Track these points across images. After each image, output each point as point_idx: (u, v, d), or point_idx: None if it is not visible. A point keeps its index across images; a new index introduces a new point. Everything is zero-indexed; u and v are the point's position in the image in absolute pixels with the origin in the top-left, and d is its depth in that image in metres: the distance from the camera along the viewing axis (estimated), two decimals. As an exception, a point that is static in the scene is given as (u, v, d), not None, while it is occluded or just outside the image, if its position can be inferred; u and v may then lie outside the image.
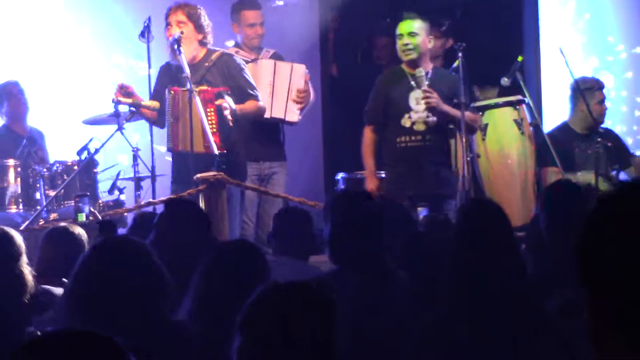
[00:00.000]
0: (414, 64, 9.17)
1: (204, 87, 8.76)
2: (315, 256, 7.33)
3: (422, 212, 8.75)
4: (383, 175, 9.38)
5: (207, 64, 9.00)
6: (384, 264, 5.73)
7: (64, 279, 5.90)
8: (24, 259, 6.36)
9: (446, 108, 9.07)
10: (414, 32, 9.19)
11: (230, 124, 8.75)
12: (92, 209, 8.53)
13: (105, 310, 4.44)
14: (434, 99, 9.01)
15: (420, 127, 9.19)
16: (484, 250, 5.23)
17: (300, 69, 9.74)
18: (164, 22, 9.05)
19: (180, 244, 6.10)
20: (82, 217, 8.22)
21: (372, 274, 5.60)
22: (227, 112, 8.69)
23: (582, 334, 2.06)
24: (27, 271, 6.34)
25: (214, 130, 8.62)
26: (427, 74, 9.11)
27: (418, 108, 9.16)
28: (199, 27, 8.88)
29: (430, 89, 9.05)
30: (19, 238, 6.40)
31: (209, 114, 8.68)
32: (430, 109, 9.07)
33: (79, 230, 6.99)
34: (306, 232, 7.01)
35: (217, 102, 8.69)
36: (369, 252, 5.62)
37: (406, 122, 9.20)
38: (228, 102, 8.71)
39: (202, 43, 8.96)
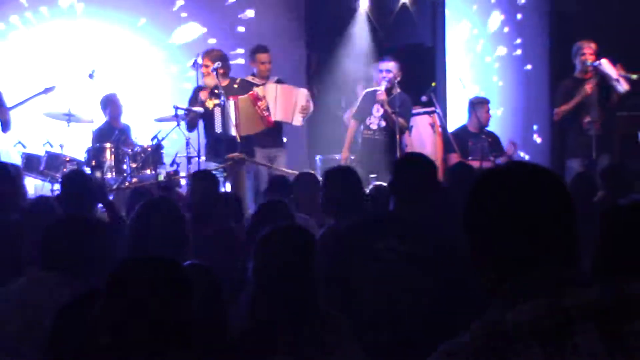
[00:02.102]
0: (389, 90, 9.31)
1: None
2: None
3: (372, 181, 8.83)
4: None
5: (235, 85, 9.20)
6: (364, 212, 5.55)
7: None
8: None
9: (387, 107, 9.25)
10: (389, 69, 9.38)
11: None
12: (169, 173, 8.76)
13: (146, 245, 4.34)
14: (383, 96, 9.24)
15: (374, 126, 9.41)
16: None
17: (304, 92, 9.69)
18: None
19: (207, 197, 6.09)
20: (161, 177, 8.42)
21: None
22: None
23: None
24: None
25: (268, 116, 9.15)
26: (393, 95, 9.31)
27: (376, 115, 9.38)
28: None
29: (383, 95, 9.24)
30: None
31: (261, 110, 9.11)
32: (384, 117, 9.24)
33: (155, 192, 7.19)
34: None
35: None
36: (354, 205, 5.44)
37: (367, 122, 9.46)
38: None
39: (225, 75, 9.13)
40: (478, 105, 9.87)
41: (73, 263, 3.77)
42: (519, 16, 11.43)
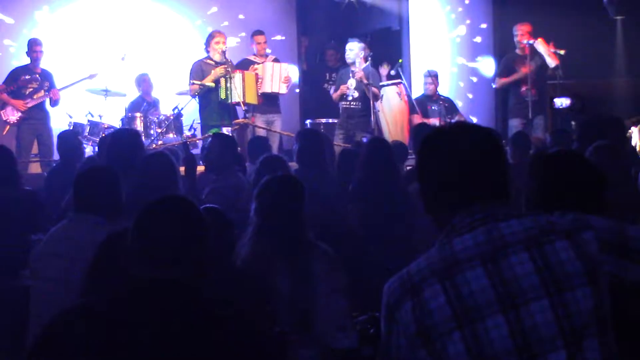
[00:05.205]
0: (354, 64, 9.30)
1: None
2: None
3: (364, 139, 8.83)
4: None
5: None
6: (326, 166, 5.63)
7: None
8: None
9: (365, 81, 9.17)
10: (352, 49, 9.35)
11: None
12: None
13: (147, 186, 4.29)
14: (360, 74, 9.16)
15: (349, 97, 9.38)
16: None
17: (285, 66, 9.64)
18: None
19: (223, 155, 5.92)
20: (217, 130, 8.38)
21: (317, 169, 5.44)
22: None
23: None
24: None
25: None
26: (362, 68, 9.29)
27: (351, 87, 9.32)
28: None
29: (360, 72, 9.16)
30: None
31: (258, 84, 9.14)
32: (356, 88, 9.23)
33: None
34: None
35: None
36: (317, 159, 5.51)
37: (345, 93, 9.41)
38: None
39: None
40: (428, 77, 9.97)
41: (104, 206, 3.70)
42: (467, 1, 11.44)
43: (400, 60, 10.37)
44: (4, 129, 9.25)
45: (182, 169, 7.22)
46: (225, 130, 8.76)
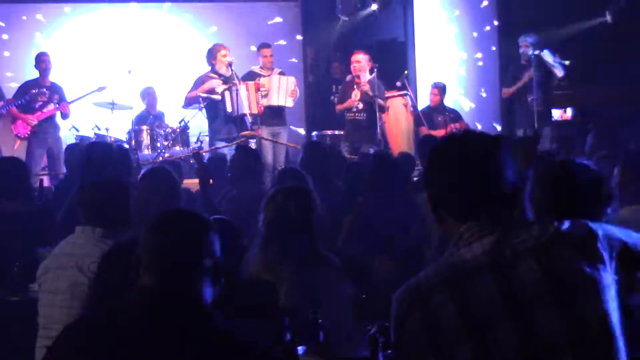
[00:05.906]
0: (359, 76, 9.29)
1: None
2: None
3: (371, 150, 8.82)
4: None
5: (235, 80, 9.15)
6: (330, 177, 5.66)
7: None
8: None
9: (370, 93, 9.15)
10: (359, 60, 9.33)
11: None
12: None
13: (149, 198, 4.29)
14: (366, 86, 9.15)
15: (354, 109, 9.35)
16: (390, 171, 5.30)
17: (292, 79, 9.53)
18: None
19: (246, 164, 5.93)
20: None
21: (322, 181, 5.41)
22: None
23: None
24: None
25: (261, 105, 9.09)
26: (367, 80, 9.25)
27: (355, 99, 9.30)
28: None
29: (366, 84, 9.15)
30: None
31: (259, 97, 9.09)
32: (361, 100, 9.22)
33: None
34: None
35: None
36: (323, 171, 5.57)
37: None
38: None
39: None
40: (434, 88, 10.09)
41: (111, 218, 3.69)
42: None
43: (406, 72, 10.36)
44: (15, 143, 9.29)
45: (192, 181, 7.26)
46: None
